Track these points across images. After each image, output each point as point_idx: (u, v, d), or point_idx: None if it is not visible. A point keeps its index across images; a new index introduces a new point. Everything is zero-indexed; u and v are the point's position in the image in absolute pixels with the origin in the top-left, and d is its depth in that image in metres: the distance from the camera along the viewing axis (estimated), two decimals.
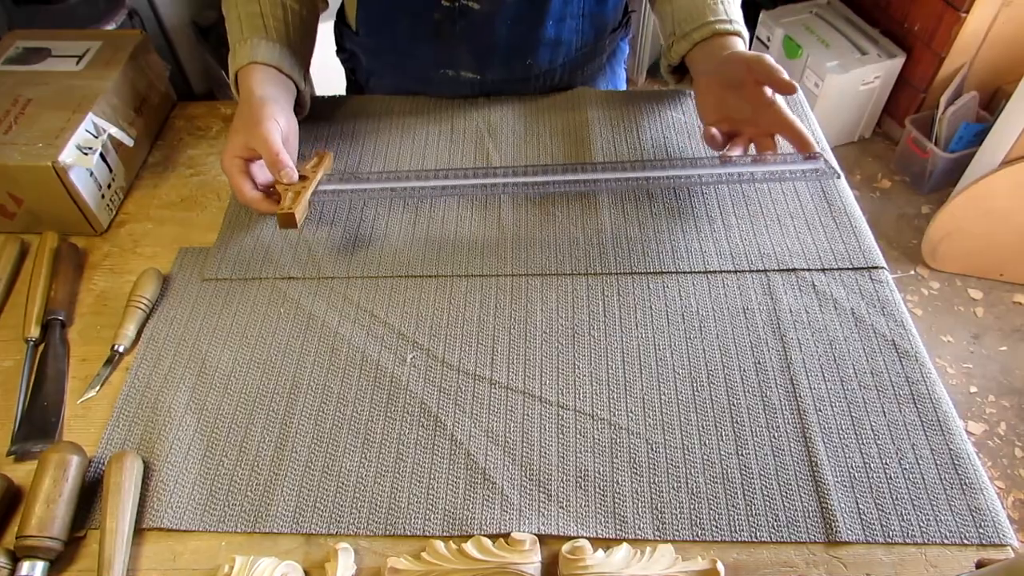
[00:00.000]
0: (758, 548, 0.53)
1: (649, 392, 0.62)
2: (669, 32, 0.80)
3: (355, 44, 0.94)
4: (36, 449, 0.59)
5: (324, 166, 0.75)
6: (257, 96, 0.72)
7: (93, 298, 0.71)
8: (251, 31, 0.76)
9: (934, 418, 0.60)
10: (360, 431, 0.60)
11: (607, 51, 0.95)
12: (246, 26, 0.76)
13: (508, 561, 0.50)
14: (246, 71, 0.74)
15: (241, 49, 0.75)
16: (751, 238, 0.74)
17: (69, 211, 0.73)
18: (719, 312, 0.68)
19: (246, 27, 0.76)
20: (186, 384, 0.63)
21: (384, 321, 0.68)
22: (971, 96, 1.95)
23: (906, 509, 0.55)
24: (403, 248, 0.74)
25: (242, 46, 0.75)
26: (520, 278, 0.71)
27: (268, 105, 0.71)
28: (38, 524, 0.51)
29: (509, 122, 0.87)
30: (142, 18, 1.93)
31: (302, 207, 0.69)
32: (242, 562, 0.50)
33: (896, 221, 2.10)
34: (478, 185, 0.74)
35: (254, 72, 0.74)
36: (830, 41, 2.12)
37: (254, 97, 0.72)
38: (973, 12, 1.87)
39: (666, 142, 0.84)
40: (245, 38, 0.75)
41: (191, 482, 0.57)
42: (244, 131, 0.70)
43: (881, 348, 0.65)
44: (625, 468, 0.57)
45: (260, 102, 0.71)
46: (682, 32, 0.77)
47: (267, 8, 0.77)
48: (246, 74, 0.74)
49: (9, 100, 0.75)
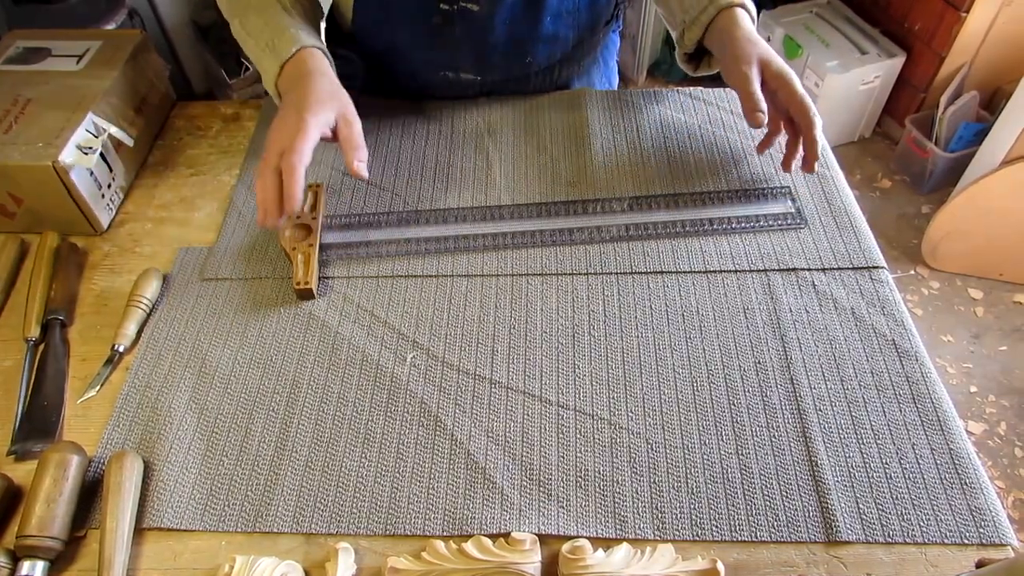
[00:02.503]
0: (758, 548, 0.53)
1: (649, 392, 0.62)
2: (679, 21, 0.80)
3: (350, 50, 0.93)
4: (36, 449, 0.59)
5: (320, 206, 0.75)
6: (334, 79, 0.71)
7: (93, 298, 0.71)
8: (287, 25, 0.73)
9: (934, 418, 0.60)
10: (360, 431, 0.60)
11: (600, 44, 0.96)
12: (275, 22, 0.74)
13: (508, 561, 0.50)
14: (309, 54, 0.71)
15: (282, 40, 0.72)
16: (751, 237, 0.74)
17: (69, 211, 0.73)
18: (719, 312, 0.68)
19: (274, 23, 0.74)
20: (186, 384, 0.63)
21: (384, 321, 0.68)
22: (971, 96, 1.95)
23: (906, 509, 0.55)
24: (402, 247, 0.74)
25: (282, 38, 0.72)
26: (520, 278, 0.71)
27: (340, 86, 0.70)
28: (38, 524, 0.51)
29: (508, 122, 0.87)
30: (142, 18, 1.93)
31: (315, 276, 0.70)
32: (242, 562, 0.50)
33: (896, 221, 2.10)
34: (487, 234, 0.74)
35: (319, 55, 0.72)
36: (830, 41, 2.12)
37: (333, 79, 0.70)
38: (973, 12, 1.87)
39: (665, 142, 0.84)
40: (282, 30, 0.72)
41: (191, 482, 0.57)
42: (336, 110, 0.67)
43: (881, 348, 0.65)
44: (625, 468, 0.57)
45: (340, 86, 0.70)
46: (691, 18, 0.78)
47: (288, 7, 0.75)
48: (310, 56, 0.71)
49: (9, 100, 0.75)
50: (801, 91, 0.73)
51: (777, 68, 0.73)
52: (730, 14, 0.76)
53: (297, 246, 0.71)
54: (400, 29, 0.84)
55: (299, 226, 0.73)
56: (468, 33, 0.82)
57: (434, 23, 0.81)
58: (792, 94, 0.72)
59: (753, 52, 0.73)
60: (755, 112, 0.71)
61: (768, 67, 0.73)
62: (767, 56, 0.73)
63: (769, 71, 0.73)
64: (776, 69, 0.73)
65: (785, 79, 0.73)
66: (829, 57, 2.07)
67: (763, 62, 0.73)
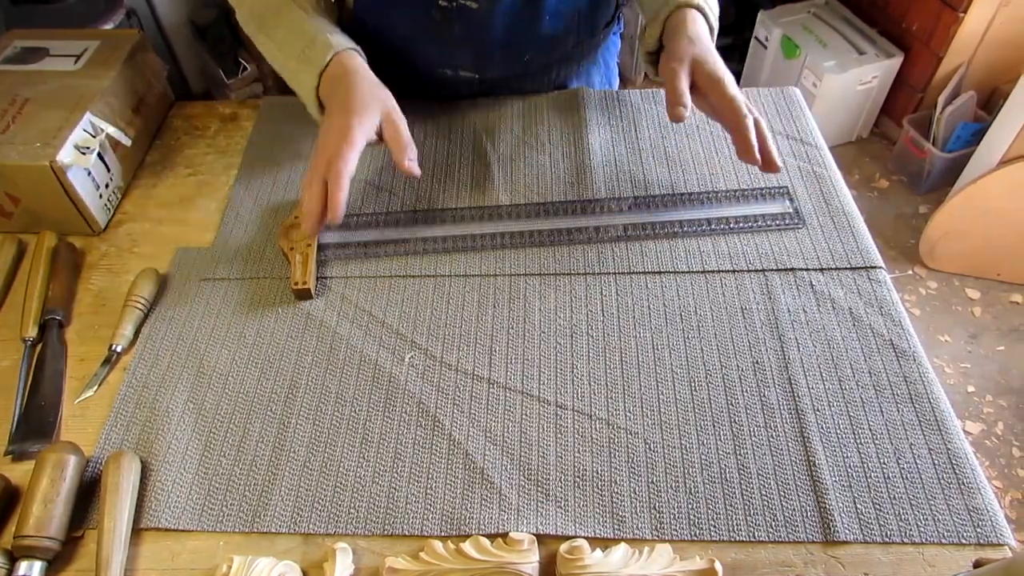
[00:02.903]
0: (756, 548, 0.53)
1: (647, 392, 0.62)
2: (648, 19, 0.79)
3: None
4: (34, 449, 0.59)
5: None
6: (375, 80, 0.70)
7: (91, 298, 0.71)
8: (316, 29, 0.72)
9: (932, 418, 0.60)
10: (358, 431, 0.60)
11: (600, 45, 0.96)
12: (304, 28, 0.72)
13: (506, 561, 0.50)
14: (347, 57, 0.71)
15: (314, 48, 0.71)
16: (749, 237, 0.74)
17: (67, 211, 0.73)
18: (717, 312, 0.68)
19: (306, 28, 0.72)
20: (184, 384, 0.63)
21: (382, 321, 0.68)
22: (969, 96, 1.95)
23: (904, 509, 0.55)
24: None
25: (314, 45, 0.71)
26: (518, 278, 0.71)
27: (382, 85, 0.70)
28: (36, 524, 0.51)
29: (507, 122, 0.87)
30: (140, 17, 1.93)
31: (313, 277, 0.70)
32: (240, 562, 0.50)
33: (894, 221, 2.10)
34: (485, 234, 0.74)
35: (357, 58, 0.71)
36: (828, 41, 2.12)
37: (374, 81, 0.70)
38: (971, 12, 1.87)
39: (664, 142, 0.84)
40: (312, 35, 0.71)
41: (189, 482, 0.57)
42: (381, 112, 0.68)
43: (879, 348, 0.65)
44: (623, 468, 0.57)
45: (382, 86, 0.70)
46: (652, 14, 0.77)
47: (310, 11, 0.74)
48: (349, 60, 0.70)
49: (7, 100, 0.75)
50: (732, 92, 0.69)
51: (711, 69, 0.70)
52: (682, 14, 0.74)
53: (295, 246, 0.71)
54: (399, 25, 0.84)
55: (297, 226, 0.73)
56: (467, 30, 0.82)
57: (433, 19, 0.81)
58: (722, 95, 0.70)
59: (688, 51, 0.71)
60: (675, 107, 0.69)
61: (701, 68, 0.71)
62: (703, 57, 0.71)
63: (702, 72, 0.70)
64: (709, 70, 0.70)
65: (717, 81, 0.70)
66: (827, 57, 2.08)
67: (696, 62, 0.71)
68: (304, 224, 0.66)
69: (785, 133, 0.85)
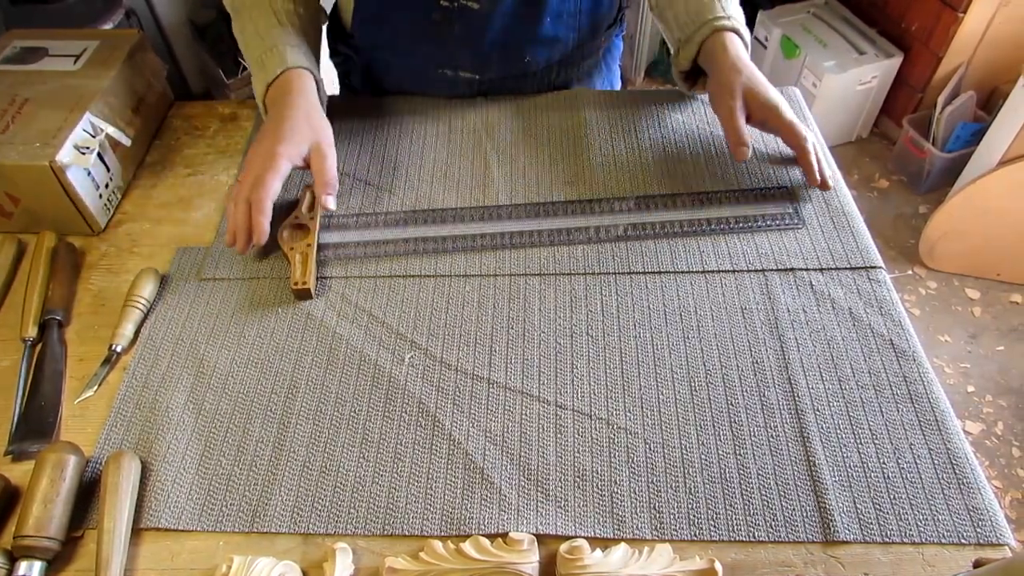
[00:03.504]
0: (756, 548, 0.53)
1: (647, 392, 0.62)
2: (676, 38, 0.81)
3: (350, 47, 0.94)
4: (33, 449, 0.59)
5: (318, 206, 0.75)
6: (313, 104, 0.73)
7: (91, 298, 0.71)
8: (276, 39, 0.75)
9: (932, 418, 0.60)
10: (358, 431, 0.60)
11: (602, 48, 0.96)
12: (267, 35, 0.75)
13: (506, 561, 0.50)
14: (292, 76, 0.73)
15: (270, 58, 0.74)
16: (749, 237, 0.74)
17: (66, 211, 0.73)
18: (717, 312, 0.68)
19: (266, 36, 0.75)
20: (184, 384, 0.63)
21: (382, 321, 0.68)
22: (968, 96, 1.95)
23: (904, 508, 0.55)
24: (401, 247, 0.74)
25: (270, 55, 0.74)
26: (519, 278, 0.71)
27: (324, 118, 0.72)
28: (35, 524, 0.51)
29: (507, 122, 0.87)
30: (139, 17, 1.93)
31: (313, 276, 0.70)
32: (240, 562, 0.50)
33: (893, 221, 2.10)
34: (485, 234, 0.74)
35: (302, 78, 0.73)
36: (828, 41, 2.12)
37: (311, 105, 0.72)
38: (971, 12, 1.88)
39: (663, 143, 0.84)
40: (270, 46, 0.74)
41: (189, 482, 0.57)
42: (310, 142, 0.70)
43: (879, 348, 0.65)
44: (623, 468, 0.57)
45: (318, 113, 0.72)
46: (686, 36, 0.78)
47: (283, 17, 0.77)
48: (293, 79, 0.73)
49: (6, 100, 0.75)
50: (789, 118, 0.73)
51: (764, 99, 0.73)
52: (719, 38, 0.76)
53: (295, 246, 0.71)
54: (400, 25, 0.84)
55: (297, 226, 0.73)
56: (467, 31, 0.82)
57: (434, 20, 0.81)
58: (780, 122, 0.73)
59: (738, 82, 0.74)
60: (738, 147, 0.73)
61: (755, 98, 0.73)
62: (754, 86, 0.74)
63: (756, 102, 0.73)
64: (763, 100, 0.73)
65: (771, 109, 0.73)
66: (827, 57, 2.08)
67: (749, 93, 0.73)
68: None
69: None
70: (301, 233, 0.72)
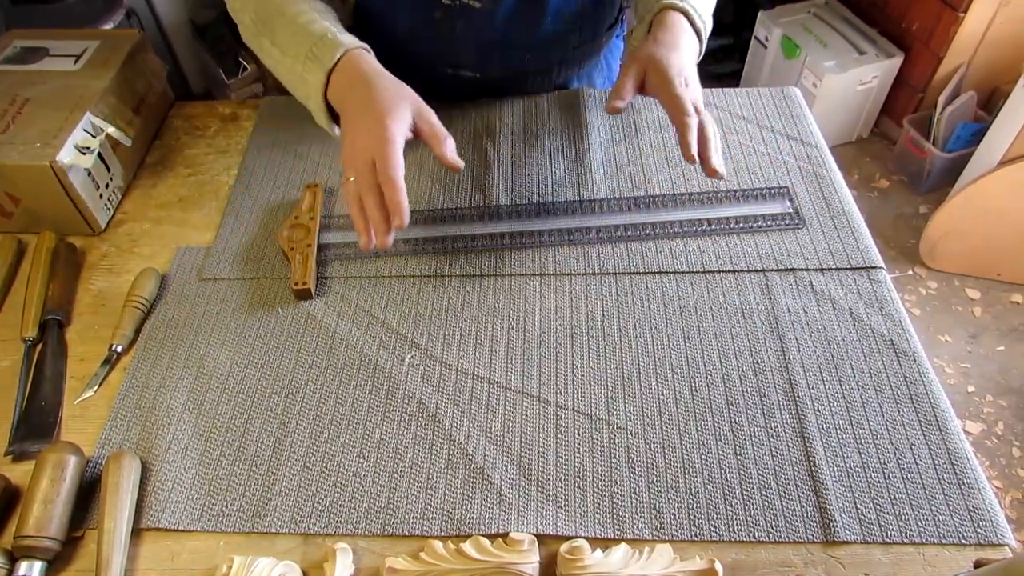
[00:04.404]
0: (756, 548, 0.53)
1: (647, 392, 0.62)
2: (637, 21, 0.79)
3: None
4: (34, 449, 0.59)
5: (318, 206, 0.75)
6: (392, 76, 0.67)
7: (91, 298, 0.71)
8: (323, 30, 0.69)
9: (932, 418, 0.60)
10: (358, 431, 0.60)
11: (603, 48, 0.96)
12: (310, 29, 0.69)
13: (506, 561, 0.50)
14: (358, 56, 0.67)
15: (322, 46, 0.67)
16: (749, 237, 0.74)
17: (67, 211, 0.73)
18: (717, 312, 0.68)
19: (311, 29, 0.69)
20: (184, 384, 0.63)
21: (382, 321, 0.68)
22: (969, 96, 1.95)
23: (904, 509, 0.55)
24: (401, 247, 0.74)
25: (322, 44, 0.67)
26: (518, 278, 0.71)
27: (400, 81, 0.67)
28: (36, 524, 0.51)
29: (507, 122, 0.87)
30: (140, 17, 1.93)
31: (313, 277, 0.70)
32: (240, 562, 0.50)
33: (894, 221, 2.10)
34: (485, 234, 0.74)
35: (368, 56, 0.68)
36: (828, 41, 2.12)
37: (391, 77, 0.66)
38: (971, 12, 1.87)
39: (664, 142, 0.84)
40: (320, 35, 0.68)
41: (189, 482, 0.57)
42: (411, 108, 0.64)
43: (879, 348, 0.65)
44: (623, 468, 0.57)
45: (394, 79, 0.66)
46: (640, 16, 0.77)
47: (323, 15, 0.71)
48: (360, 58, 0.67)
49: (7, 100, 0.75)
50: (678, 91, 0.67)
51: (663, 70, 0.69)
52: (664, 16, 0.73)
53: (295, 246, 0.71)
54: (400, 23, 0.84)
55: (297, 226, 0.73)
56: (468, 29, 0.82)
57: (435, 18, 0.81)
58: (668, 96, 0.68)
59: (646, 51, 0.71)
60: (611, 99, 0.70)
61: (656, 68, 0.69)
62: (660, 58, 0.70)
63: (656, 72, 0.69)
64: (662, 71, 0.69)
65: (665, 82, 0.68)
66: (827, 57, 2.08)
67: (652, 61, 0.70)
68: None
69: (785, 133, 0.85)
70: (301, 233, 0.72)
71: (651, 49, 0.71)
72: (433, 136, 0.64)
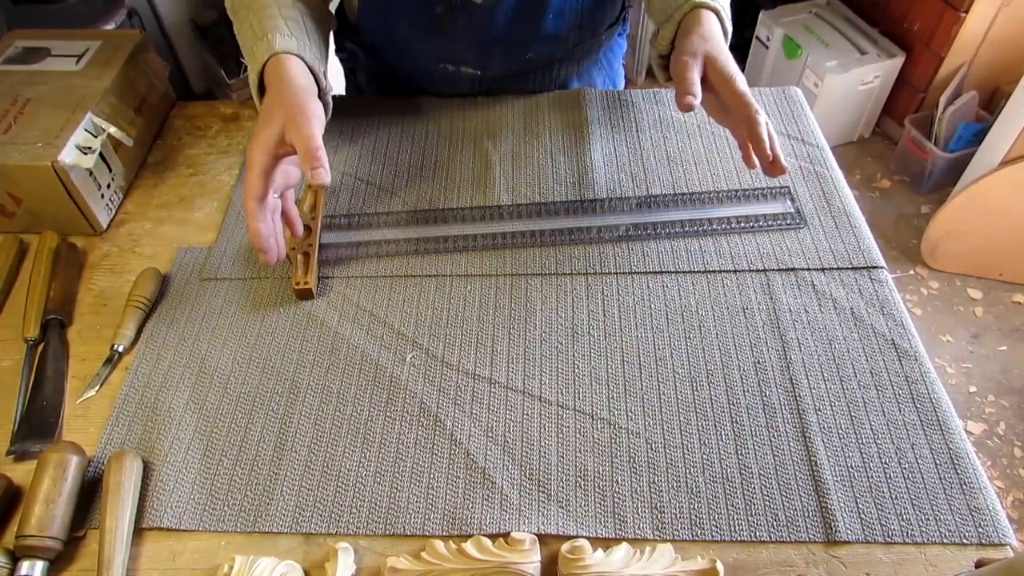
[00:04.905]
0: (757, 548, 0.53)
1: (649, 392, 0.62)
2: (659, 21, 0.78)
3: (354, 42, 0.94)
4: (35, 449, 0.59)
5: (320, 206, 0.75)
6: (295, 85, 0.66)
7: (92, 298, 0.71)
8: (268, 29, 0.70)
9: (933, 418, 0.60)
10: (360, 431, 0.60)
11: (604, 46, 0.96)
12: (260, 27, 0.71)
13: (508, 561, 0.50)
14: (276, 62, 0.68)
15: (259, 46, 0.69)
16: (750, 237, 0.74)
17: (68, 211, 0.73)
18: (719, 312, 0.68)
19: (259, 28, 0.71)
20: (186, 383, 0.63)
21: (383, 321, 0.68)
22: (970, 96, 1.95)
23: (905, 508, 0.55)
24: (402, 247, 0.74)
25: (260, 44, 0.69)
26: (520, 278, 0.71)
27: (306, 94, 0.66)
28: (37, 524, 0.51)
29: (508, 121, 0.87)
30: (141, 17, 1.93)
31: (315, 277, 0.70)
32: (242, 562, 0.50)
33: (895, 221, 2.10)
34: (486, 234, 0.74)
35: (285, 62, 0.68)
36: (829, 41, 2.12)
37: (291, 86, 0.66)
38: (973, 12, 1.87)
39: (665, 142, 0.84)
40: (261, 36, 0.70)
41: (191, 482, 0.57)
42: (281, 121, 0.64)
43: (881, 348, 0.65)
44: (625, 468, 0.57)
45: (299, 90, 0.66)
46: (666, 16, 0.76)
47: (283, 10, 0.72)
48: (276, 64, 0.68)
49: (8, 99, 0.75)
50: (742, 89, 0.68)
51: (722, 66, 0.69)
52: (696, 14, 0.73)
53: (297, 246, 0.71)
54: (403, 18, 0.84)
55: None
56: (469, 25, 0.82)
57: (436, 13, 0.81)
58: (733, 92, 0.68)
59: (701, 47, 0.70)
60: (684, 96, 0.67)
61: (713, 63, 0.69)
62: (715, 54, 0.69)
63: (713, 68, 0.69)
64: (721, 67, 0.69)
65: (727, 78, 0.68)
66: (828, 57, 2.08)
67: (708, 58, 0.69)
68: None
69: (786, 133, 0.85)
70: (303, 233, 0.72)
71: (706, 46, 0.70)
72: (299, 152, 0.63)
